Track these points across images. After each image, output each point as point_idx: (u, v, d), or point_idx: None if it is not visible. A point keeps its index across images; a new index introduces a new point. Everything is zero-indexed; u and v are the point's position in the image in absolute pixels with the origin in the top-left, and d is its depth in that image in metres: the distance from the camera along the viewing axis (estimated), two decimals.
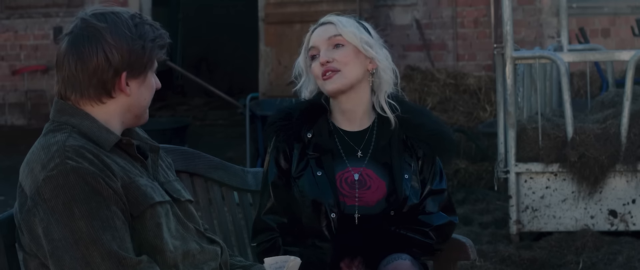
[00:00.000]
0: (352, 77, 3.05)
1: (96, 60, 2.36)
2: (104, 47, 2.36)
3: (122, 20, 2.40)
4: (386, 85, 3.09)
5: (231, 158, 8.27)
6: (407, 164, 3.05)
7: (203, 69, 14.54)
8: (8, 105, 12.02)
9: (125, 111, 2.45)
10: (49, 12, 11.77)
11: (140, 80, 2.43)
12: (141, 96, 2.45)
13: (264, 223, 3.07)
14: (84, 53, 2.36)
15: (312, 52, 3.10)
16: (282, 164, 3.06)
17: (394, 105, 3.08)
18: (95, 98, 2.40)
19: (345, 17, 3.11)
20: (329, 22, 3.10)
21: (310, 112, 3.10)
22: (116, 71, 2.38)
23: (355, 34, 3.05)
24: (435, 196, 3.08)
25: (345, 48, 3.05)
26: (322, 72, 3.05)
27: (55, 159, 2.29)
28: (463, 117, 9.49)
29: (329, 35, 3.06)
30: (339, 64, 3.04)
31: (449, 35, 10.75)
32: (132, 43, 2.39)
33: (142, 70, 2.42)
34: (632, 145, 5.82)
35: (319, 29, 3.11)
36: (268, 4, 10.37)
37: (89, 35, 2.37)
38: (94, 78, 2.37)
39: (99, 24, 2.37)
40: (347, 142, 3.08)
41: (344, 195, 3.01)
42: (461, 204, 7.05)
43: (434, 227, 3.04)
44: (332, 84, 3.05)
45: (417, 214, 3.04)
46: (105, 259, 2.26)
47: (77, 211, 2.26)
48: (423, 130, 3.08)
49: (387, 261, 2.94)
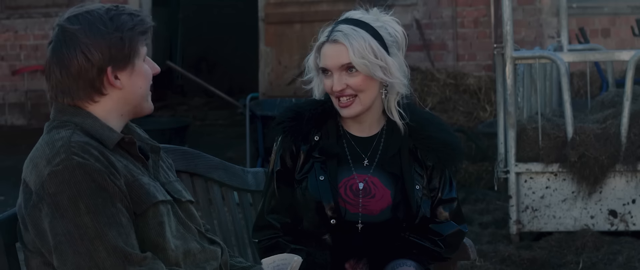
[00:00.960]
0: (368, 101, 2.98)
1: (77, 62, 2.37)
2: (82, 48, 2.37)
3: (96, 17, 2.40)
4: (397, 92, 3.01)
5: (231, 158, 8.27)
6: (418, 175, 3.02)
7: (203, 69, 14.54)
8: (8, 105, 12.02)
9: (123, 104, 2.45)
10: (49, 12, 11.76)
11: (129, 70, 2.43)
12: (135, 86, 2.45)
13: (267, 222, 3.05)
14: (64, 58, 2.38)
15: (324, 69, 3.00)
16: (288, 162, 3.03)
17: (403, 114, 3.02)
18: (88, 98, 2.41)
19: (353, 32, 2.95)
20: (340, 42, 2.95)
21: (321, 114, 3.05)
22: (100, 69, 2.38)
23: (367, 65, 2.92)
24: (446, 205, 3.07)
25: (358, 73, 2.95)
26: (337, 98, 2.98)
27: (60, 154, 2.30)
28: (463, 117, 9.49)
29: (341, 63, 2.95)
30: (354, 90, 2.96)
31: (449, 35, 10.75)
32: (109, 37, 2.39)
33: (127, 61, 2.42)
34: (632, 145, 5.82)
35: (330, 47, 2.97)
36: (268, 4, 10.37)
37: (65, 39, 2.38)
38: (79, 80, 2.38)
39: (72, 27, 2.38)
40: (355, 147, 3.05)
41: (348, 203, 2.98)
42: (461, 204, 7.04)
43: (445, 236, 3.03)
44: (350, 111, 2.98)
45: (428, 223, 3.03)
46: (110, 255, 2.26)
47: (83, 206, 2.26)
48: (432, 141, 3.03)
49: (391, 267, 2.94)
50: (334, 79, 2.97)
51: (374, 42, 2.95)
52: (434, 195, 3.05)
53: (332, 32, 2.98)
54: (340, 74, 2.96)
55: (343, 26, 2.98)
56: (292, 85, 9.81)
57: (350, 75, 2.96)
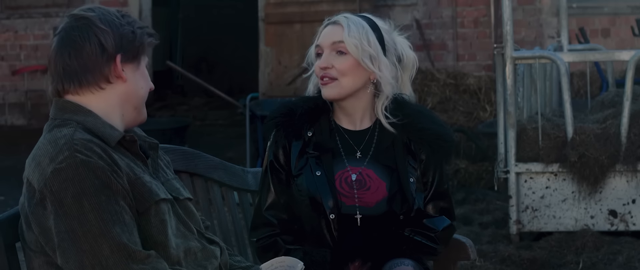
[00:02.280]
0: (349, 88, 3.02)
1: (90, 45, 2.40)
2: (96, 32, 2.41)
3: (109, 11, 2.48)
4: (385, 96, 3.04)
5: (231, 158, 8.27)
6: (411, 168, 3.04)
7: (203, 69, 14.54)
8: (8, 105, 12.02)
9: (124, 101, 2.46)
10: (49, 12, 11.77)
11: (135, 65, 2.47)
12: (137, 84, 2.48)
13: (265, 218, 3.06)
14: (76, 41, 2.40)
15: (317, 50, 3.06)
16: (281, 159, 3.05)
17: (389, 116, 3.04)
18: (94, 84, 2.42)
19: (356, 19, 3.03)
20: (339, 23, 3.03)
21: (314, 110, 3.07)
22: (110, 55, 2.41)
23: (357, 46, 2.98)
24: (438, 199, 3.09)
25: (346, 57, 3.00)
26: (320, 76, 3.03)
27: (64, 152, 2.30)
28: (463, 117, 9.49)
29: (333, 40, 3.01)
30: (338, 73, 3.00)
31: (449, 35, 10.75)
32: (121, 28, 2.44)
33: (135, 54, 2.46)
34: (632, 145, 5.82)
35: (329, 27, 3.05)
36: (268, 4, 10.37)
37: (79, 25, 2.42)
38: (89, 63, 2.41)
39: (87, 14, 2.43)
40: (348, 140, 3.07)
41: (344, 195, 2.99)
42: (461, 204, 7.05)
43: (440, 231, 3.04)
44: (328, 91, 3.02)
45: (422, 217, 3.04)
46: (114, 252, 2.27)
47: (87, 204, 2.27)
48: (425, 134, 3.05)
49: (389, 266, 2.94)
50: (323, 55, 3.02)
51: (372, 35, 3.02)
52: (427, 189, 3.06)
53: (334, 17, 3.06)
54: (330, 53, 3.01)
55: (349, 14, 3.06)
56: (292, 85, 9.81)
57: (338, 56, 3.00)
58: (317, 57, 3.06)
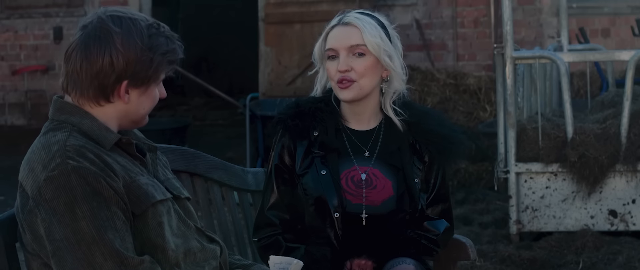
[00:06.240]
0: (367, 89, 3.01)
1: (101, 62, 2.36)
2: (111, 52, 2.36)
3: (137, 29, 2.39)
4: (394, 90, 3.06)
5: (231, 158, 8.27)
6: (416, 168, 3.05)
7: (203, 69, 14.54)
8: (8, 105, 12.02)
9: (123, 116, 2.45)
10: (49, 12, 11.77)
11: (142, 90, 2.43)
12: (140, 105, 2.46)
13: (267, 218, 3.06)
14: (91, 53, 2.36)
15: (331, 53, 3.03)
16: (286, 160, 3.05)
17: (398, 111, 3.06)
18: (94, 100, 2.40)
19: (365, 17, 3.03)
20: (353, 24, 3.01)
21: (321, 111, 3.07)
22: (118, 78, 2.37)
23: (379, 45, 2.98)
24: (439, 202, 3.10)
25: (366, 58, 2.99)
26: (339, 79, 3.00)
27: (56, 159, 2.30)
28: (463, 117, 9.49)
29: (352, 43, 2.99)
30: (357, 75, 2.98)
31: (449, 35, 10.75)
32: (141, 53, 2.38)
33: (144, 82, 2.42)
34: (632, 145, 5.82)
35: (341, 29, 3.02)
36: (268, 4, 10.37)
37: (100, 36, 2.37)
38: (95, 80, 2.38)
39: (112, 28, 2.37)
40: (355, 141, 3.07)
41: (350, 194, 2.99)
42: (461, 204, 7.05)
43: (441, 233, 3.06)
44: (347, 93, 3.00)
45: (423, 218, 3.05)
46: (107, 259, 2.27)
47: (79, 211, 2.27)
48: (432, 135, 3.06)
49: (390, 265, 2.94)
50: (340, 59, 2.99)
51: (382, 31, 3.02)
52: (429, 190, 3.06)
53: (343, 17, 3.03)
54: (348, 56, 2.99)
55: (353, 13, 3.04)
56: (292, 85, 9.81)
57: (357, 58, 2.99)
58: (328, 60, 3.04)
